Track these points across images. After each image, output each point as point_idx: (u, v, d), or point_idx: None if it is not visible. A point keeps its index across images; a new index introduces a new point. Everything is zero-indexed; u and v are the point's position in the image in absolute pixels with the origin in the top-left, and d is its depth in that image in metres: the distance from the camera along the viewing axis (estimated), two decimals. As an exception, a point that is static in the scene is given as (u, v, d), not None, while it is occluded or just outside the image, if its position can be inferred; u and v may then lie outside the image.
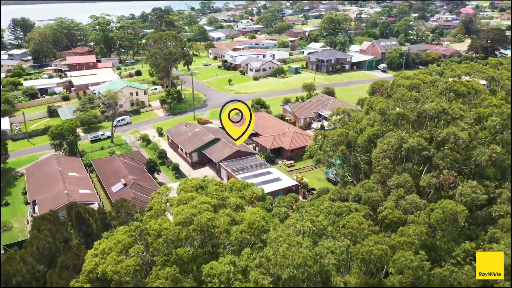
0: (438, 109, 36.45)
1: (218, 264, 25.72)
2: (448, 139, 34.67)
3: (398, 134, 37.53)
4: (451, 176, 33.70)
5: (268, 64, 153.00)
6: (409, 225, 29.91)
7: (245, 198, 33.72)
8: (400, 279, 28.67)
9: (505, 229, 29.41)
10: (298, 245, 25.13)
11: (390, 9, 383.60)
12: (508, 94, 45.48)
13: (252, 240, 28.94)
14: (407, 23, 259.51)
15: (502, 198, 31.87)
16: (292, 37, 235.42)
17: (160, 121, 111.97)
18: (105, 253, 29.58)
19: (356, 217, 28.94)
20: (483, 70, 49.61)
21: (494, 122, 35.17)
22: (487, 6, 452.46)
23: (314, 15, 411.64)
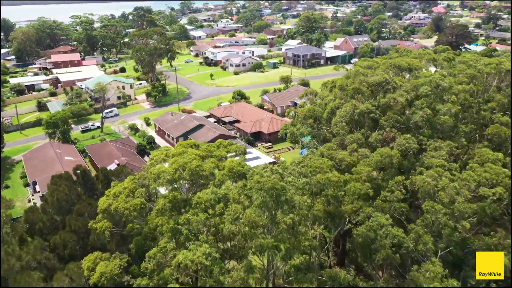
0: (381, 80, 45.14)
1: (204, 194, 33.60)
2: (390, 103, 43.37)
3: (352, 103, 46.05)
4: (392, 133, 42.27)
5: (247, 59, 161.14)
6: (359, 166, 38.35)
7: (230, 151, 41.71)
8: (351, 207, 37.04)
9: (428, 167, 37.82)
10: (268, 176, 33.15)
11: (365, 8, 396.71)
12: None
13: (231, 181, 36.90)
14: (380, 21, 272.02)
15: (430, 147, 40.51)
16: (270, 35, 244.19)
17: (146, 112, 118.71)
18: (116, 196, 37.09)
19: (318, 159, 37.16)
20: (429, 53, 58.74)
21: (425, 90, 44.01)
22: (458, 5, 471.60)
23: (292, 14, 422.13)
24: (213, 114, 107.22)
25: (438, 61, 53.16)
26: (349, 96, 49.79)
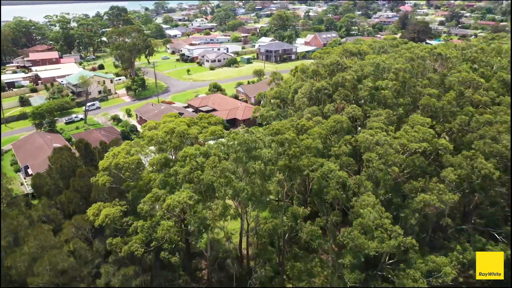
0: (334, 61, 53.96)
1: (189, 149, 41.57)
2: (340, 81, 52.18)
3: (310, 82, 54.67)
4: (342, 104, 51.05)
5: (222, 55, 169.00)
6: (314, 129, 47.00)
7: (210, 122, 49.73)
8: (307, 162, 45.58)
9: (369, 128, 46.77)
10: (242, 134, 41.36)
11: (336, 8, 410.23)
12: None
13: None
14: (350, 20, 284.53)
15: (373, 114, 49.46)
16: (244, 33, 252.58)
17: (127, 105, 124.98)
18: (115, 155, 44.57)
19: (279, 123, 45.56)
20: (379, 41, 68.35)
21: (369, 70, 53.02)
22: (424, 4, 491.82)
23: (266, 14, 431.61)
24: (191, 105, 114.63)
25: (385, 47, 62.53)
26: (308, 77, 58.57)
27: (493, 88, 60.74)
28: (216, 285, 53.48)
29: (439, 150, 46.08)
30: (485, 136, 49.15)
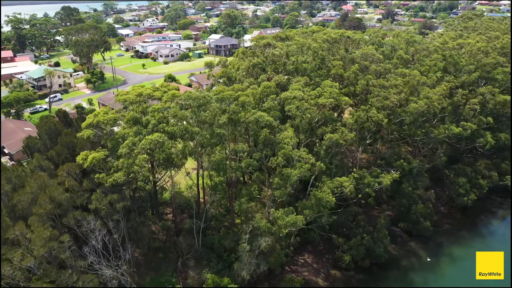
0: (266, 43, 69.45)
1: (156, 106, 55.13)
2: (270, 57, 67.73)
3: (248, 59, 69.50)
4: (272, 75, 66.32)
5: (175, 51, 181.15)
6: (248, 90, 61.86)
7: (169, 88, 63.24)
8: (243, 114, 60.19)
9: (290, 89, 62.40)
10: (195, 92, 55.28)
11: (282, 7, 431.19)
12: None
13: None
14: (294, 18, 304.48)
15: (294, 80, 64.98)
16: (195, 31, 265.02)
17: (87, 96, 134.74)
18: (96, 115, 57.17)
19: (222, 87, 59.86)
20: (305, 31, 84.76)
21: (293, 49, 68.81)
22: (364, 3, 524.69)
23: (216, 14, 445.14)
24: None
25: (308, 33, 78.71)
26: (248, 56, 73.49)
27: (392, 62, 78.76)
28: (179, 224, 67.18)
29: (343, 105, 62.42)
30: (379, 95, 66.29)
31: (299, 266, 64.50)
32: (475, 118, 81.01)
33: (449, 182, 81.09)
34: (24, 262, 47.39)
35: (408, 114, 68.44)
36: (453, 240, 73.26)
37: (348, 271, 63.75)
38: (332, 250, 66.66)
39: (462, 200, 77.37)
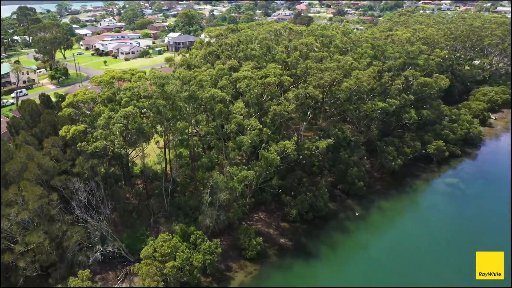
0: (218, 33, 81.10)
1: (127, 85, 65.38)
2: (223, 45, 79.33)
3: (205, 48, 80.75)
4: (225, 60, 77.90)
5: (136, 48, 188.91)
6: (205, 72, 73.10)
7: (136, 72, 73.38)
8: (202, 91, 71.47)
9: (240, 70, 74.43)
10: (159, 72, 65.92)
11: (238, 7, 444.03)
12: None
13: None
14: (250, 17, 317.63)
15: (245, 64, 76.94)
16: (154, 30, 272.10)
17: (52, 91, 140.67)
18: (75, 96, 66.60)
19: (183, 71, 70.82)
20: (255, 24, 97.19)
21: (243, 38, 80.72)
22: (317, 3, 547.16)
23: (173, 14, 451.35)
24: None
25: (256, 26, 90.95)
26: (205, 45, 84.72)
27: (329, 50, 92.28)
28: (150, 190, 77.38)
29: (285, 84, 74.92)
30: (316, 76, 79.33)
31: (254, 221, 76.32)
32: (400, 96, 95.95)
33: (380, 152, 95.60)
34: (20, 215, 56.30)
35: (342, 92, 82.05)
36: (382, 197, 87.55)
37: (295, 223, 76.15)
38: (282, 208, 78.77)
39: (391, 165, 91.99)
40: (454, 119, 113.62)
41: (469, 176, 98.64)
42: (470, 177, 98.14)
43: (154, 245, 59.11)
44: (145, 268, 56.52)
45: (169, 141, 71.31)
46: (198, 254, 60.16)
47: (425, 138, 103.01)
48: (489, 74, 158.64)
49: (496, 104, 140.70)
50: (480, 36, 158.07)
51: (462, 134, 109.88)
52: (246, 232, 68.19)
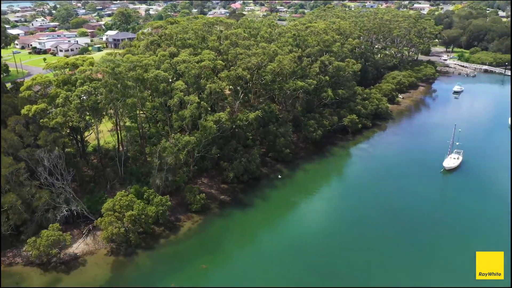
0: (158, 25, 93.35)
1: (81, 68, 76.03)
2: (163, 36, 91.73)
3: (147, 39, 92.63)
4: (166, 47, 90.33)
5: (75, 45, 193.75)
6: (150, 57, 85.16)
7: (87, 59, 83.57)
8: (147, 74, 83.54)
9: (180, 56, 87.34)
10: (112, 57, 77.09)
11: (174, 6, 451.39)
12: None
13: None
14: (185, 15, 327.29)
15: (182, 51, 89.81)
16: (90, 29, 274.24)
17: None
18: (34, 79, 75.85)
19: (129, 55, 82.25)
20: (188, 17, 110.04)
21: (179, 29, 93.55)
22: (251, 3, 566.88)
23: (107, 13, 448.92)
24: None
25: (192, 19, 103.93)
26: (147, 35, 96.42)
27: (257, 40, 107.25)
28: (104, 164, 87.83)
29: (218, 67, 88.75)
30: (243, 59, 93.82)
31: (197, 184, 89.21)
32: (317, 77, 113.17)
33: (304, 125, 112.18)
34: (-6, 181, 65.46)
35: (267, 74, 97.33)
36: (306, 161, 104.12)
37: (233, 184, 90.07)
38: (221, 173, 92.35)
39: (313, 135, 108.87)
40: (366, 97, 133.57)
41: (377, 142, 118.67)
42: (377, 142, 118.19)
43: (113, 201, 70.52)
44: (107, 219, 67.83)
45: (119, 118, 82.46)
46: (151, 206, 72.35)
47: (341, 113, 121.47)
48: (398, 61, 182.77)
49: (404, 86, 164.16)
50: (389, 28, 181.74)
51: (372, 109, 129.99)
52: (191, 190, 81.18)
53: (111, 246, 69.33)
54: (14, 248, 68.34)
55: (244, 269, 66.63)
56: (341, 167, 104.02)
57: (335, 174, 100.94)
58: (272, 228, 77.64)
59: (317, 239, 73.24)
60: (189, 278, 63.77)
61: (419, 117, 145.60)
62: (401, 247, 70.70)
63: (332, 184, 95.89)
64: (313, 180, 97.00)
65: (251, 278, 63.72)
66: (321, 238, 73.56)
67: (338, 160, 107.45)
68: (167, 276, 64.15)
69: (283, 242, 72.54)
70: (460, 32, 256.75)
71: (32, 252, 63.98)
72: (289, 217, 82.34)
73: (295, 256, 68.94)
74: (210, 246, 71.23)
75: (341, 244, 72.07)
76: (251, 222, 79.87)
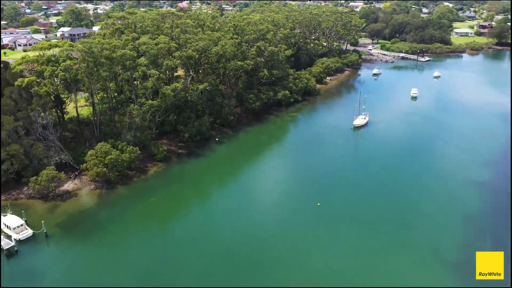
0: (120, 16, 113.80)
1: (63, 48, 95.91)
2: (126, 26, 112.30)
3: (112, 26, 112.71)
4: (129, 35, 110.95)
5: (33, 40, 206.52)
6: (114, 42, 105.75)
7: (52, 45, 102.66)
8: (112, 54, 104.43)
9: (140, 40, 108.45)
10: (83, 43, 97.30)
11: (122, 5, 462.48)
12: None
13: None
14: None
15: (141, 38, 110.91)
16: (42, 27, 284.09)
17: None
18: (23, 58, 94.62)
19: (91, 39, 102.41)
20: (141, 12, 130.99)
21: (135, 20, 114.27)
22: (198, 2, 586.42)
23: (54, 13, 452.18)
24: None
25: (148, 13, 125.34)
26: (111, 24, 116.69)
27: (203, 29, 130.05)
28: (82, 129, 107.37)
29: (173, 48, 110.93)
30: (192, 43, 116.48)
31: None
32: (254, 60, 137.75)
33: (245, 99, 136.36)
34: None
35: (212, 55, 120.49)
36: (247, 126, 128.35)
37: (188, 142, 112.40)
38: (178, 136, 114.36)
39: (252, 106, 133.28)
40: (297, 77, 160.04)
41: (305, 112, 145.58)
42: (306, 112, 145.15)
43: (95, 149, 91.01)
44: (91, 162, 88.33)
45: (93, 89, 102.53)
46: (125, 154, 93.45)
47: (276, 89, 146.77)
48: (327, 50, 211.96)
49: (332, 70, 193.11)
50: (318, 22, 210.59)
51: (302, 87, 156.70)
52: (156, 145, 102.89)
53: (95, 184, 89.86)
54: (16, 189, 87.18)
55: (188, 200, 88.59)
56: (275, 130, 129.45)
57: (270, 134, 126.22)
58: (218, 170, 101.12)
59: (248, 175, 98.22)
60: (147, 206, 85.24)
61: (341, 94, 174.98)
62: (318, 177, 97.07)
63: (267, 141, 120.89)
64: (253, 139, 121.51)
65: (190, 205, 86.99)
66: (251, 175, 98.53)
67: (273, 125, 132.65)
68: (140, 199, 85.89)
69: (224, 180, 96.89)
70: (384, 25, 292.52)
71: (35, 187, 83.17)
72: (231, 164, 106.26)
73: (232, 185, 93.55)
74: (172, 182, 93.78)
75: (273, 182, 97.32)
76: (202, 167, 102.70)
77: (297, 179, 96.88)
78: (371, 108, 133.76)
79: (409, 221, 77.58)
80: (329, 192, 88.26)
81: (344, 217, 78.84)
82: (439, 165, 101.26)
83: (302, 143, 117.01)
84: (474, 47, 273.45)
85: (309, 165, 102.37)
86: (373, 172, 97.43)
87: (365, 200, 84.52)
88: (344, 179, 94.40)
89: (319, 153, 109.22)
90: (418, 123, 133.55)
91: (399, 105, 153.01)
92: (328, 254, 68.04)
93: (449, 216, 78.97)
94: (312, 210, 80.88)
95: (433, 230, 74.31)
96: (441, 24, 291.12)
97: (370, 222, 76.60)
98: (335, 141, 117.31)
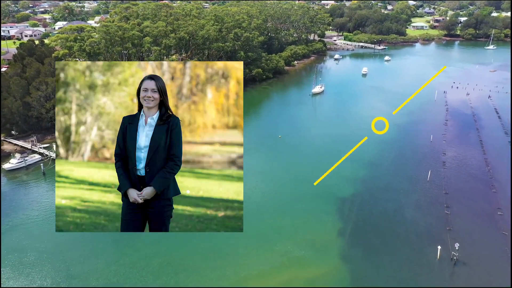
0: (118, 11, 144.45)
1: (87, 29, 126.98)
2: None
3: (120, 14, 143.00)
4: (140, 20, 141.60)
5: (38, 31, 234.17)
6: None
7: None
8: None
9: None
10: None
11: (107, 4, 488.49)
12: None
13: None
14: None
15: (158, 24, 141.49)
16: (39, 22, 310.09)
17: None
18: (57, 36, 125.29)
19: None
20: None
21: (119, 10, 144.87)
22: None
23: (41, 11, 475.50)
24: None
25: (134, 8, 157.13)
26: (118, 13, 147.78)
27: (191, 17, 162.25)
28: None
29: (168, 30, 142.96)
30: (183, 26, 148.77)
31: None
32: (231, 42, 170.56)
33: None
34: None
35: (199, 37, 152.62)
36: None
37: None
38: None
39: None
40: (268, 59, 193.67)
41: (274, 85, 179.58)
42: (275, 85, 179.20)
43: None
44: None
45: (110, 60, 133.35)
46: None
47: (251, 68, 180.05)
48: (296, 39, 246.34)
49: (299, 55, 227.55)
50: (288, 15, 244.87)
51: (273, 67, 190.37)
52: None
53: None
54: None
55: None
56: (251, 99, 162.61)
57: (247, 102, 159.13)
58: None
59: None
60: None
61: (306, 73, 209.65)
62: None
63: (245, 107, 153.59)
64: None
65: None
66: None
67: (248, 95, 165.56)
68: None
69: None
70: (348, 20, 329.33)
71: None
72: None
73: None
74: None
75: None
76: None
77: (266, 131, 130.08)
78: (329, 82, 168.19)
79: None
80: (288, 135, 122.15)
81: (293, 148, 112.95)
82: (369, 113, 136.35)
83: (272, 106, 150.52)
84: (426, 38, 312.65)
85: (276, 122, 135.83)
86: (322, 121, 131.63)
87: (312, 141, 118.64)
88: (302, 127, 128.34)
89: (284, 112, 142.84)
90: (363, 91, 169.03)
91: (351, 80, 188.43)
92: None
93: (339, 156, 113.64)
94: (274, 141, 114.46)
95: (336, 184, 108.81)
96: (398, 18, 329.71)
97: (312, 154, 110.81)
98: (295, 103, 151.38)
